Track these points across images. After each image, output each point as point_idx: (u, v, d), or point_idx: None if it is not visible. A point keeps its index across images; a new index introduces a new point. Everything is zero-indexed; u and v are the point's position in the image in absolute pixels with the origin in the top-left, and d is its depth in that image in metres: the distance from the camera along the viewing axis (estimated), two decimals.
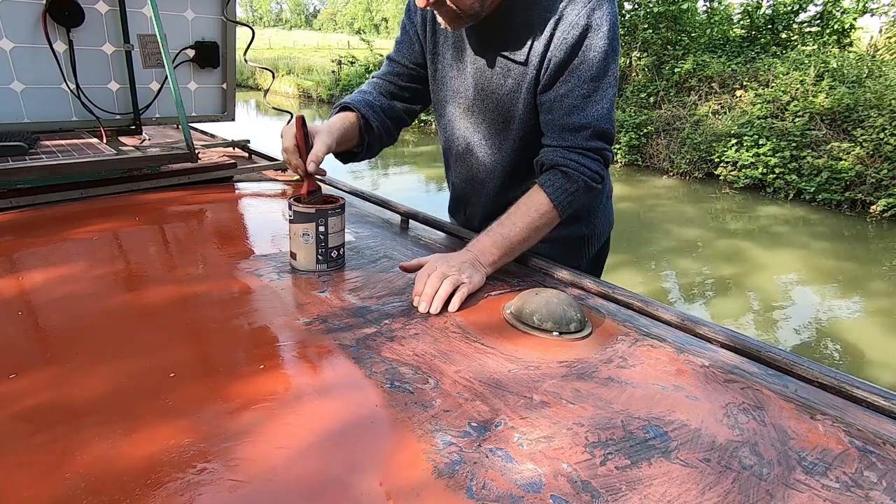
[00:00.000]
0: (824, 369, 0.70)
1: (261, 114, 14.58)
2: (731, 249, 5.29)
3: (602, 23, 0.96)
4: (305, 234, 0.96)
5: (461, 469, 0.53)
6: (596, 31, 0.97)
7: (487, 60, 1.08)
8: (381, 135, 1.18)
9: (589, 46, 0.97)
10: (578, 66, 0.98)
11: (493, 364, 0.71)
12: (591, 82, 0.99)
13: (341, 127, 1.09)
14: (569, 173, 1.00)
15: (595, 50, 0.97)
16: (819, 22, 9.36)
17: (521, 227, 0.99)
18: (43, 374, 0.66)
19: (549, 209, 1.00)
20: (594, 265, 1.37)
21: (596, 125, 1.00)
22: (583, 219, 1.25)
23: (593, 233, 1.28)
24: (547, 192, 1.00)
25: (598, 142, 1.01)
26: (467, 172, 1.24)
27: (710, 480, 0.53)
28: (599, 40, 0.97)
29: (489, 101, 1.10)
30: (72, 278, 0.93)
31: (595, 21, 0.96)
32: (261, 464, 0.52)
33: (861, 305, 4.19)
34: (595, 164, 1.01)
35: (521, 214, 1.00)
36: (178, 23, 1.73)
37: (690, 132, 7.88)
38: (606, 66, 0.99)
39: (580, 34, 0.97)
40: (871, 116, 6.60)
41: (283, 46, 31.16)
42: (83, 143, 1.51)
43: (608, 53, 0.98)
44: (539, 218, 1.00)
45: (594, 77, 0.98)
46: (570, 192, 1.00)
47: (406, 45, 1.20)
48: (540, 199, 1.00)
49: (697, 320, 0.83)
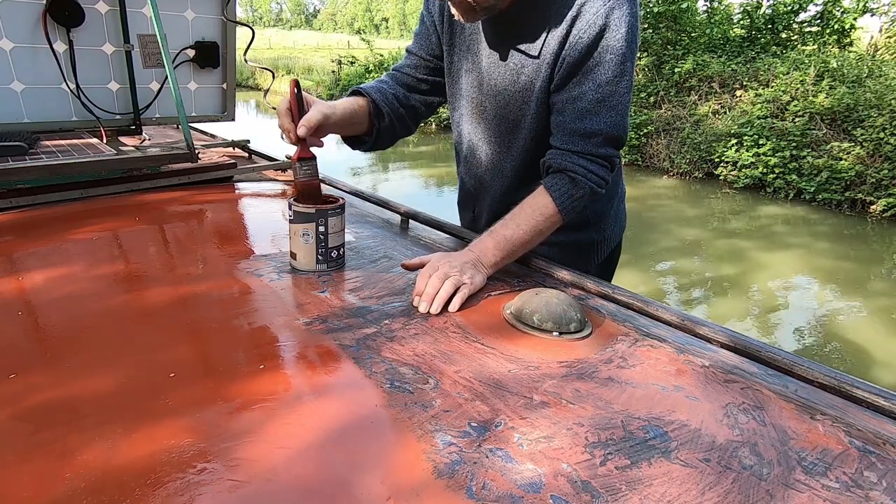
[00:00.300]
0: (824, 369, 0.70)
1: (261, 114, 14.58)
2: (731, 249, 5.29)
3: (621, 24, 0.92)
4: (305, 234, 0.96)
5: (461, 469, 0.53)
6: (614, 33, 0.93)
7: (501, 55, 1.05)
8: (394, 123, 1.16)
9: (606, 48, 0.93)
10: (594, 68, 0.95)
11: (493, 364, 0.71)
12: (606, 86, 0.95)
13: (347, 108, 1.07)
14: (576, 179, 0.98)
15: (612, 52, 0.93)
16: (819, 22, 9.36)
17: (525, 230, 0.98)
18: (43, 374, 0.66)
19: (552, 213, 0.98)
20: (604, 270, 1.33)
21: (608, 132, 0.97)
22: (593, 224, 1.21)
23: (603, 238, 1.25)
24: (553, 196, 0.98)
25: (608, 149, 0.99)
26: (476, 169, 1.22)
27: (710, 480, 0.53)
28: (617, 42, 0.93)
29: (501, 97, 1.08)
30: (72, 278, 0.93)
31: (613, 21, 0.92)
32: (261, 464, 0.52)
33: (862, 305, 4.19)
34: (602, 171, 0.99)
35: (524, 217, 0.98)
36: (178, 23, 1.73)
37: (690, 132, 7.89)
38: (623, 70, 0.94)
39: (597, 34, 0.93)
40: (871, 116, 6.60)
41: (283, 46, 31.21)
42: (83, 143, 1.51)
43: (625, 56, 0.94)
44: (543, 221, 0.98)
45: (609, 80, 0.95)
46: (575, 197, 0.98)
47: (424, 36, 1.18)
48: (545, 203, 0.98)
49: (697, 320, 0.83)
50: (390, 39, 27.30)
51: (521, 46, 1.01)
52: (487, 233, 0.99)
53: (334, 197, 1.02)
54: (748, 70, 8.26)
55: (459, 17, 0.99)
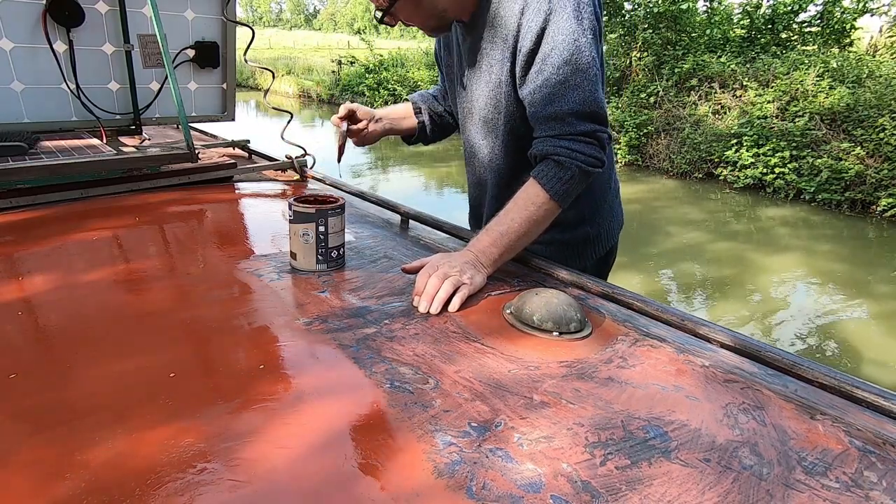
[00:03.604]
0: (824, 369, 0.70)
1: (261, 114, 14.57)
2: (731, 249, 5.29)
3: (565, 3, 0.94)
4: (305, 234, 0.96)
5: (461, 469, 0.53)
6: (560, 14, 0.94)
7: (475, 61, 1.11)
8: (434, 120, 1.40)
9: (556, 30, 0.94)
10: (549, 53, 0.96)
11: (493, 364, 0.71)
12: (564, 67, 0.95)
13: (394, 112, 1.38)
14: (561, 161, 0.97)
15: (562, 33, 0.94)
16: (819, 22, 9.35)
17: (520, 222, 0.97)
18: (43, 374, 0.66)
19: (545, 200, 0.98)
20: (600, 269, 1.33)
21: (578, 109, 0.97)
22: (587, 219, 1.22)
23: (599, 234, 1.25)
24: (541, 182, 0.98)
25: (586, 124, 0.98)
26: (473, 175, 1.28)
27: (710, 480, 0.53)
28: (564, 22, 0.94)
29: (479, 101, 1.13)
30: (72, 278, 0.93)
31: (557, 3, 0.94)
32: (261, 464, 0.52)
33: (862, 304, 4.19)
34: (589, 148, 0.98)
35: (518, 209, 0.98)
36: (178, 23, 1.73)
37: (690, 132, 7.88)
38: (578, 47, 0.94)
39: (543, 20, 0.94)
40: (871, 116, 6.60)
41: (283, 46, 31.18)
42: (83, 143, 1.51)
43: (578, 33, 0.94)
44: (537, 210, 0.98)
45: (567, 61, 0.95)
46: (564, 179, 0.97)
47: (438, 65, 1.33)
48: (535, 192, 0.98)
49: (698, 320, 0.83)
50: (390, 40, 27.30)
51: (487, 50, 1.06)
52: (483, 231, 0.99)
53: (334, 197, 1.02)
54: (748, 70, 8.26)
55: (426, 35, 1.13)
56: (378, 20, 1.05)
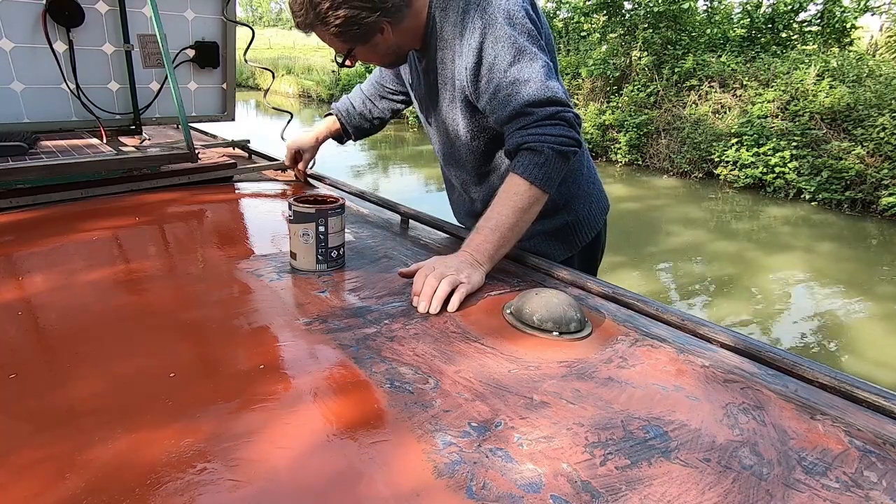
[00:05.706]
0: (825, 369, 0.70)
1: (261, 114, 14.56)
2: (731, 249, 5.29)
3: (496, 15, 0.98)
4: (305, 234, 0.96)
5: (461, 469, 0.53)
6: (492, 26, 0.98)
7: (431, 81, 1.16)
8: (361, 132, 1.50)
9: (494, 40, 0.99)
10: (494, 62, 1.00)
11: (493, 364, 0.71)
12: (510, 68, 0.99)
13: (325, 133, 1.52)
14: (532, 146, 0.99)
15: (500, 41, 0.99)
16: (819, 21, 9.34)
17: (507, 214, 0.98)
18: (43, 374, 0.66)
19: (526, 188, 0.98)
20: (589, 256, 1.35)
21: (536, 98, 0.98)
22: (562, 207, 1.25)
23: (578, 220, 1.28)
24: (518, 172, 0.99)
25: (547, 108, 0.99)
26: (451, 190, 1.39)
27: (710, 480, 0.53)
28: (499, 30, 0.98)
29: (441, 115, 1.19)
30: (72, 278, 0.93)
31: (489, 16, 0.99)
32: (261, 464, 0.52)
33: (863, 303, 4.19)
34: (557, 129, 0.99)
35: (503, 202, 0.99)
36: (178, 23, 1.73)
37: (690, 132, 7.88)
38: (519, 47, 0.99)
39: (480, 34, 0.99)
40: (871, 116, 6.60)
41: (283, 46, 31.14)
42: (83, 143, 1.51)
43: (514, 36, 0.98)
44: (521, 200, 0.98)
45: (511, 62, 0.99)
46: (539, 163, 0.98)
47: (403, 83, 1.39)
48: (515, 182, 0.99)
49: (698, 320, 0.83)
50: None
51: (439, 69, 1.12)
52: (474, 230, 1.00)
53: (334, 197, 1.02)
54: (748, 70, 8.25)
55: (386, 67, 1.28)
56: (339, 64, 1.12)
